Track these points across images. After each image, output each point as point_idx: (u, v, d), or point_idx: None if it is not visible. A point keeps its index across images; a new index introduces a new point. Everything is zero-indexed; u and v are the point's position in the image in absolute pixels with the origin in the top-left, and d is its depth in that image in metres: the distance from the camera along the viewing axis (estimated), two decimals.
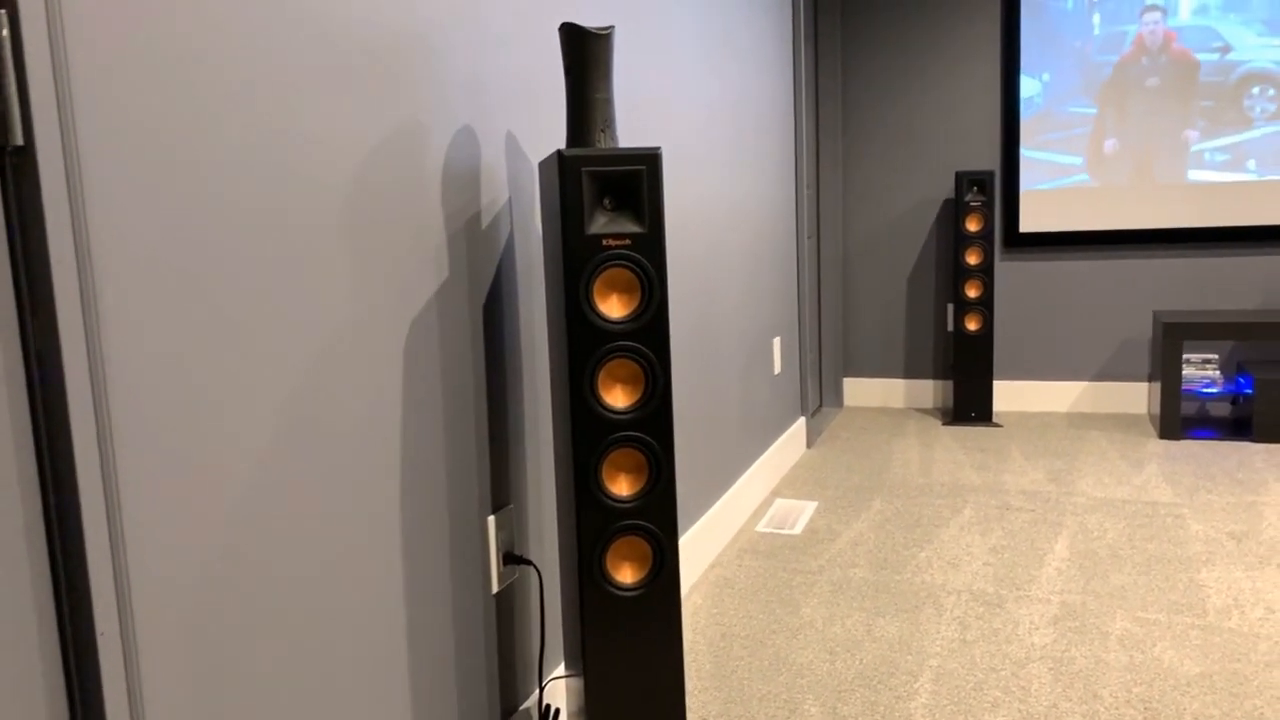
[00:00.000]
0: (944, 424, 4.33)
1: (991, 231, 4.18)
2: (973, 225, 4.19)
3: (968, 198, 4.18)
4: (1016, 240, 4.41)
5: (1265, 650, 2.10)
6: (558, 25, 1.86)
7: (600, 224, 1.50)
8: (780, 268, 3.63)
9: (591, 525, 1.52)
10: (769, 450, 3.45)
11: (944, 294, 4.61)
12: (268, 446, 1.15)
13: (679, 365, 2.54)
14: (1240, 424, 3.97)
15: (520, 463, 1.75)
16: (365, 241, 1.32)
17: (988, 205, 4.16)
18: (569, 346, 1.49)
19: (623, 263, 1.50)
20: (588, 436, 1.51)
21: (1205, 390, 3.94)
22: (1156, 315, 4.06)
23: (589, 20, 2.00)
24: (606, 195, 1.51)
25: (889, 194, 4.62)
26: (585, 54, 1.55)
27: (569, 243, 1.48)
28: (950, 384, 4.60)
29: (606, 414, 1.51)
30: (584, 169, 1.48)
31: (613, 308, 1.51)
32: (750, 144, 3.19)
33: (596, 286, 1.50)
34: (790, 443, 3.73)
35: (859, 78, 4.57)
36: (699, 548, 2.68)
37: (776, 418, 3.58)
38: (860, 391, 4.78)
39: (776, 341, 3.57)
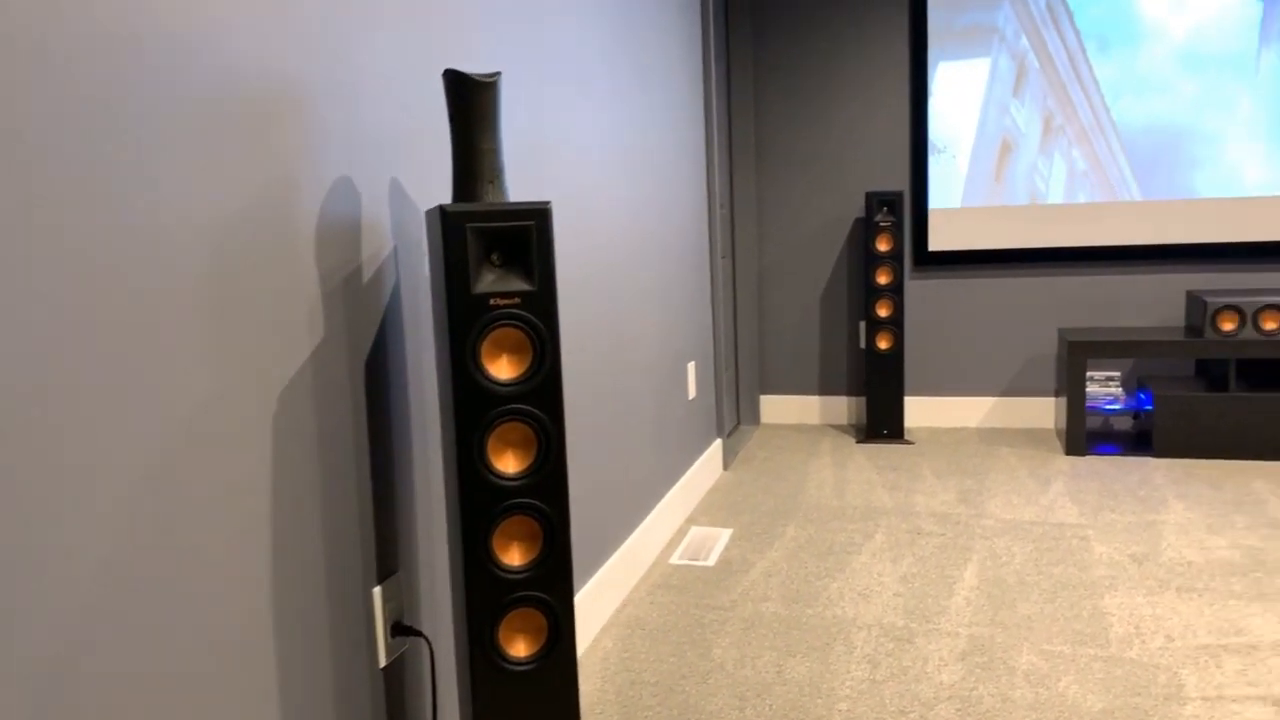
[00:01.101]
0: (858, 441, 4.35)
1: (901, 251, 4.21)
2: (883, 245, 4.22)
3: (877, 218, 4.21)
4: (926, 259, 4.46)
5: (1164, 682, 2.13)
6: (446, 67, 1.78)
7: (488, 282, 1.43)
8: (695, 291, 3.60)
9: (482, 597, 1.45)
10: (685, 476, 3.41)
11: (856, 312, 4.64)
12: (111, 544, 1.05)
13: (587, 405, 2.48)
14: (1142, 438, 4.07)
15: (411, 528, 1.67)
16: (227, 310, 1.23)
17: (897, 225, 4.20)
18: (456, 411, 1.42)
19: (512, 322, 1.43)
20: (477, 505, 1.44)
21: (1108, 407, 4.03)
22: (1062, 333, 4.14)
23: (485, 59, 1.93)
24: (494, 251, 1.45)
25: (803, 213, 4.63)
26: (470, 103, 1.48)
27: (454, 303, 1.40)
28: (864, 400, 4.63)
29: (497, 481, 1.44)
30: (469, 225, 1.41)
31: (502, 369, 1.44)
32: (661, 169, 3.15)
33: (485, 348, 1.43)
34: (707, 466, 3.70)
35: (772, 98, 4.57)
36: (611, 586, 2.62)
37: (692, 442, 3.54)
38: (777, 409, 4.78)
39: (691, 366, 3.54)
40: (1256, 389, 3.77)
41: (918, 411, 4.60)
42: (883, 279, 4.24)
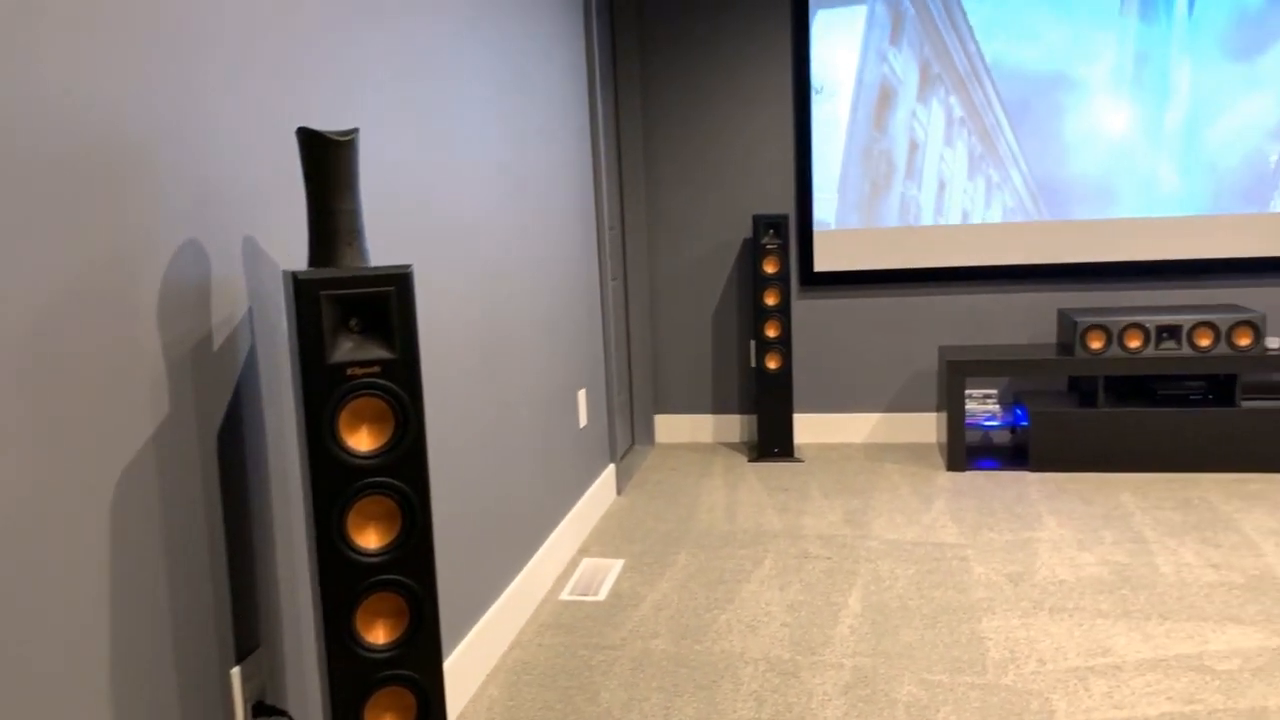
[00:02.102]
0: (750, 460, 4.39)
1: (788, 272, 4.27)
2: (770, 267, 4.27)
3: (764, 240, 4.26)
4: (812, 280, 4.53)
5: (1036, 708, 2.19)
6: (310, 116, 1.71)
7: (345, 351, 1.37)
8: (586, 316, 3.57)
9: (347, 677, 1.39)
10: (577, 506, 3.38)
11: (747, 331, 4.68)
12: None
13: (468, 448, 2.42)
14: (1019, 452, 4.22)
15: (274, 601, 1.60)
16: (55, 394, 1.15)
17: (783, 248, 4.25)
18: (313, 486, 1.36)
19: (372, 392, 1.38)
20: (339, 582, 1.38)
21: (987, 423, 4.16)
22: (942, 351, 4.26)
23: (356, 105, 1.86)
24: (353, 317, 1.39)
25: (693, 235, 4.65)
26: (325, 161, 1.42)
27: (309, 374, 1.35)
28: (755, 418, 4.67)
29: (358, 557, 1.39)
30: (323, 293, 1.35)
31: (362, 441, 1.39)
32: (548, 197, 3.11)
33: (343, 419, 1.38)
34: (599, 492, 3.67)
35: (660, 121, 4.58)
36: (500, 627, 2.57)
37: (584, 471, 3.52)
38: (671, 428, 4.79)
39: (582, 394, 3.51)
40: (1123, 404, 3.94)
41: (807, 429, 4.67)
42: (771, 300, 4.29)
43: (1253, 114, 4.12)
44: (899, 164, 4.37)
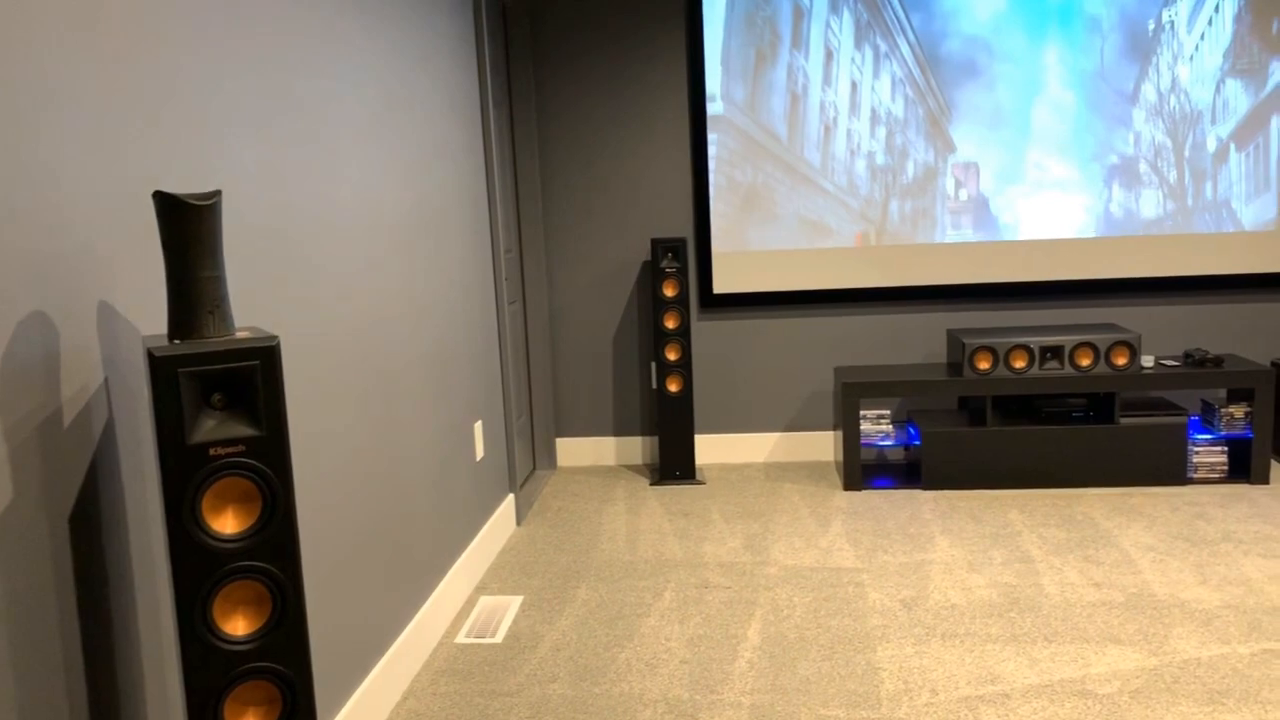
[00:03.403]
0: (652, 484, 4.38)
1: (687, 295, 4.28)
2: (669, 290, 4.27)
3: (663, 264, 4.26)
4: (711, 301, 4.55)
5: None
6: (172, 169, 1.63)
7: (207, 429, 1.30)
8: (482, 344, 3.51)
9: None
10: (474, 541, 3.32)
11: (648, 352, 4.68)
12: None
13: (354, 495, 2.34)
14: (913, 469, 4.31)
15: (138, 700, 1.50)
16: None
17: (681, 271, 4.26)
18: (175, 573, 1.29)
19: (236, 472, 1.31)
20: (205, 672, 1.31)
21: (882, 442, 4.24)
22: (837, 373, 4.32)
23: (219, 143, 1.77)
24: (216, 392, 1.32)
25: (592, 257, 4.62)
26: (185, 227, 1.34)
27: (167, 456, 1.27)
28: (658, 440, 4.67)
29: (225, 645, 1.31)
30: (181, 370, 1.27)
31: (227, 523, 1.32)
32: (440, 226, 3.04)
33: (206, 501, 1.30)
34: (498, 525, 3.61)
35: (556, 145, 4.54)
36: (393, 676, 2.49)
37: (482, 504, 3.45)
38: (573, 451, 4.75)
39: (479, 426, 3.44)
40: (1010, 422, 4.06)
41: (710, 449, 4.69)
42: (670, 323, 4.29)
43: (1132, 138, 4.30)
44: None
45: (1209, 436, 3.99)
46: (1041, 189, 4.38)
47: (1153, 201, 4.34)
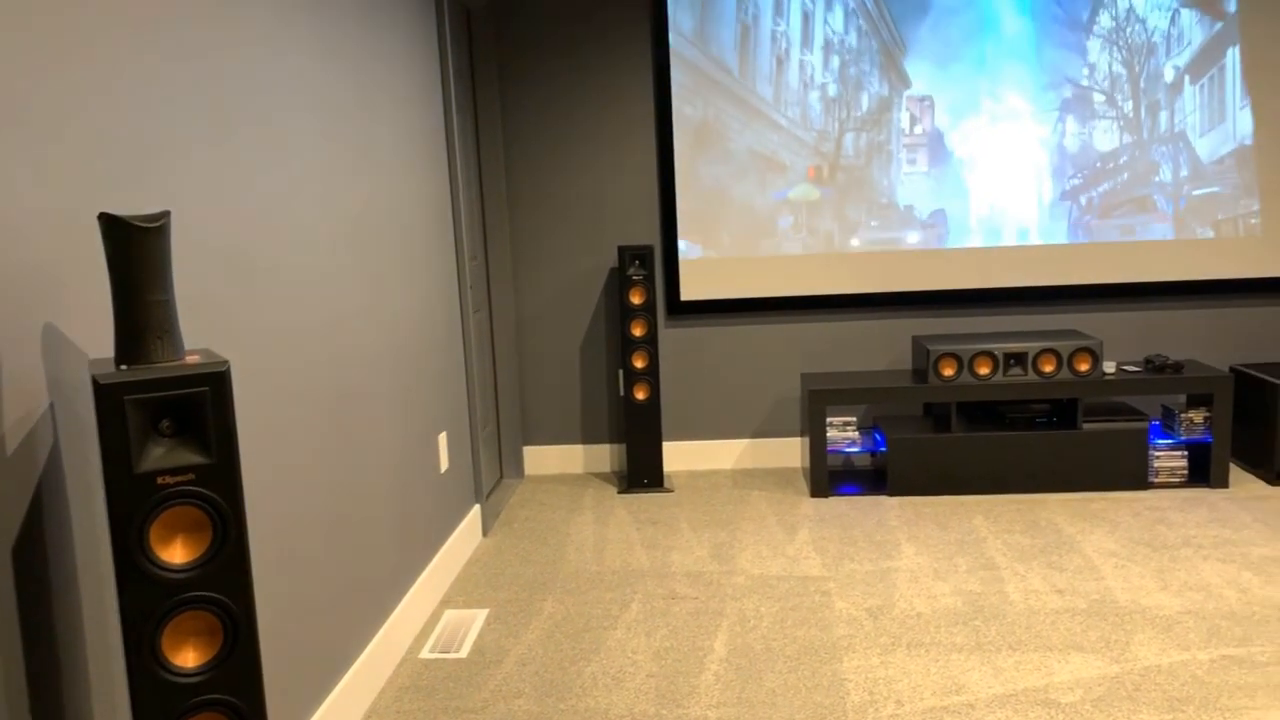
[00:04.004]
0: (619, 492, 4.36)
1: (654, 303, 4.27)
2: (636, 298, 4.26)
3: (630, 271, 4.25)
4: (679, 309, 4.55)
5: None
6: (121, 186, 1.59)
7: (155, 457, 1.27)
8: (446, 353, 3.47)
9: None
10: (439, 554, 3.28)
11: (616, 359, 4.66)
12: None
13: (313, 513, 2.31)
14: (879, 475, 4.32)
15: None
16: None
17: (649, 279, 4.25)
18: (122, 605, 1.25)
19: (186, 501, 1.28)
20: (155, 706, 1.28)
21: (848, 449, 4.25)
22: (804, 379, 4.33)
23: (170, 165, 1.74)
24: (164, 419, 1.29)
25: (559, 264, 4.60)
26: (131, 250, 1.31)
27: (114, 485, 1.24)
28: (626, 447, 4.66)
29: (175, 678, 1.28)
30: (128, 398, 1.24)
31: (176, 553, 1.29)
32: (402, 234, 3.01)
33: (154, 531, 1.27)
34: (464, 537, 3.58)
35: (522, 152, 4.52)
36: (356, 693, 2.46)
37: (447, 516, 3.42)
38: (540, 459, 4.73)
39: (443, 437, 3.41)
40: (975, 428, 4.09)
41: (677, 456, 4.68)
42: (638, 331, 4.28)
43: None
44: None
45: (1169, 441, 4.04)
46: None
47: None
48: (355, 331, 2.63)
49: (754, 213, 4.47)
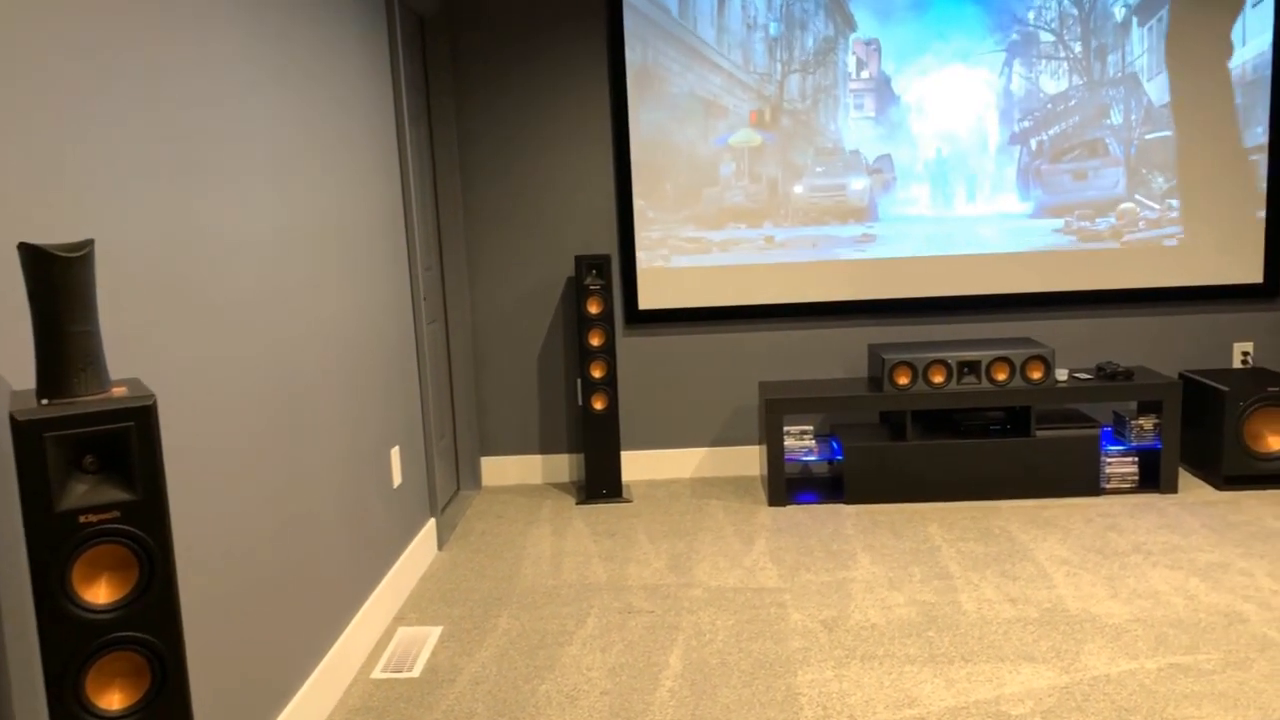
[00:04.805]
0: (578, 502, 4.34)
1: (612, 312, 4.25)
2: (593, 308, 4.24)
3: (587, 281, 4.23)
4: (637, 318, 4.53)
5: None
6: (42, 210, 1.55)
7: (78, 495, 1.24)
8: (399, 366, 3.43)
9: None
10: (392, 570, 3.24)
11: (573, 369, 4.64)
12: None
13: (259, 533, 2.27)
14: (837, 484, 4.34)
15: None
16: None
17: (606, 289, 4.23)
18: (45, 646, 1.22)
19: (110, 540, 1.24)
20: None
21: (806, 457, 4.27)
22: (762, 388, 4.33)
23: (101, 203, 1.69)
24: (87, 454, 1.25)
25: (516, 274, 4.57)
26: (53, 280, 1.27)
27: (34, 524, 1.20)
28: (584, 457, 4.64)
29: None
30: (48, 435, 1.21)
31: (100, 593, 1.25)
32: (355, 247, 2.97)
33: (77, 570, 1.24)
34: (418, 551, 3.54)
35: (478, 162, 4.48)
36: (306, 715, 2.42)
37: (399, 532, 3.38)
38: (499, 470, 4.69)
39: (395, 452, 3.37)
40: (930, 436, 4.12)
41: (637, 465, 4.67)
42: (595, 341, 4.26)
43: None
44: None
45: (1121, 448, 4.10)
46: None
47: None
48: (303, 347, 2.59)
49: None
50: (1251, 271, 4.42)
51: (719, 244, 4.47)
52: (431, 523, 3.76)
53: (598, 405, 4.32)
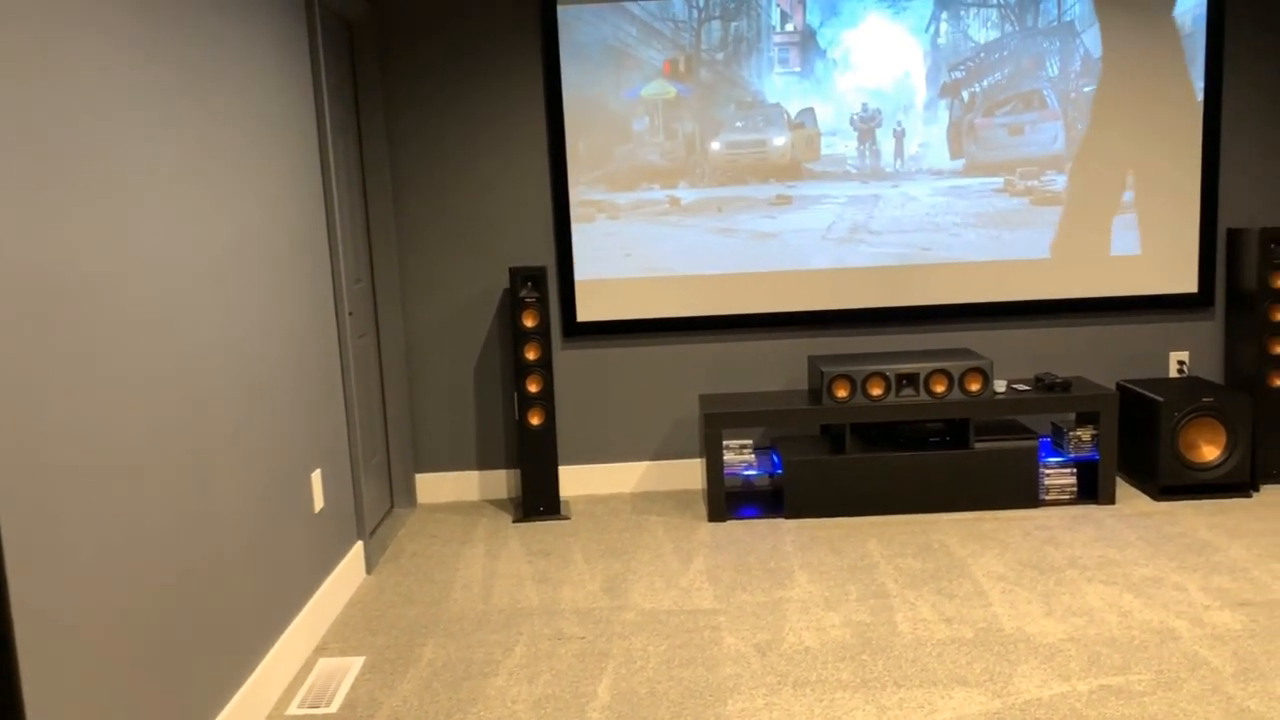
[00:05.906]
0: (514, 520, 4.24)
1: (549, 325, 4.16)
2: (529, 321, 4.15)
3: (522, 293, 4.14)
4: (575, 330, 4.45)
5: None
6: None
7: None
8: (321, 387, 3.31)
9: None
10: (314, 598, 3.12)
11: (510, 383, 4.54)
12: None
13: (146, 572, 2.15)
14: (778, 497, 4.28)
15: None
16: None
17: (542, 301, 4.14)
18: None
19: None
20: None
21: (745, 472, 4.21)
22: (702, 401, 4.27)
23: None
24: None
25: (450, 286, 4.46)
26: None
27: None
28: (520, 474, 4.54)
29: None
30: None
31: None
32: (273, 265, 2.84)
33: None
34: (344, 576, 3.42)
35: (409, 173, 4.36)
36: None
37: (322, 558, 3.26)
38: (434, 487, 4.58)
39: (317, 475, 3.25)
40: (869, 449, 4.08)
41: (575, 480, 4.58)
42: (531, 354, 4.17)
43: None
44: None
45: (1059, 459, 4.09)
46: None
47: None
48: (209, 369, 2.47)
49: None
50: (1187, 282, 4.44)
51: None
52: (359, 545, 3.64)
53: (534, 420, 4.22)
